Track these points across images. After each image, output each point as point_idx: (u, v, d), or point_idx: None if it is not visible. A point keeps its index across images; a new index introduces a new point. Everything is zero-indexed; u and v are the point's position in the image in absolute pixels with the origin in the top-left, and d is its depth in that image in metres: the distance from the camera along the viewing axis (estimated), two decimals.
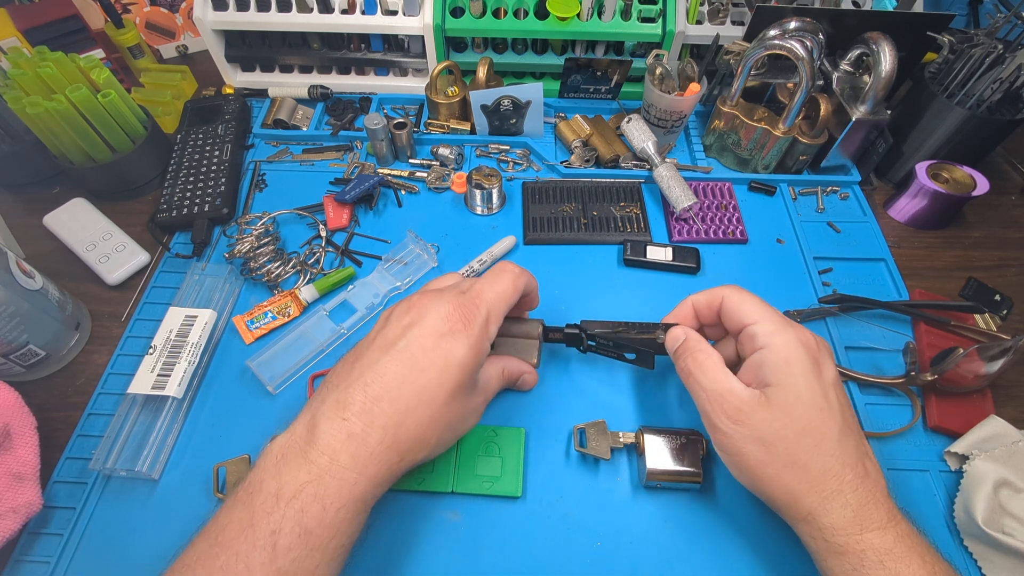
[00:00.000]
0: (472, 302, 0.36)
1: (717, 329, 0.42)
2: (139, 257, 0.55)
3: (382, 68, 0.72)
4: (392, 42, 0.70)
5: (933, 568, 0.30)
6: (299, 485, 0.30)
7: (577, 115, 0.67)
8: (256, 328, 0.50)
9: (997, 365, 0.44)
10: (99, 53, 0.70)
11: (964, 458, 0.43)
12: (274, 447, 0.32)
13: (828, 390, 0.34)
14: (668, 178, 0.58)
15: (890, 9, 0.63)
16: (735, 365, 0.38)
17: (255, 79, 0.73)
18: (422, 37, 0.66)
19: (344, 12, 0.65)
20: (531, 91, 0.61)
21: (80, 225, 0.57)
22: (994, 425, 0.43)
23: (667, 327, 0.41)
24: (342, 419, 0.32)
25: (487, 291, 0.37)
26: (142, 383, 0.44)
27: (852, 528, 0.31)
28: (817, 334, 0.37)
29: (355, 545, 0.33)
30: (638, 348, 0.42)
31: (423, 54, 0.68)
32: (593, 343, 0.44)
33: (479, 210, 0.60)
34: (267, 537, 0.29)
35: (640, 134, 0.61)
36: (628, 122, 0.62)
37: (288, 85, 0.71)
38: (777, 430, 0.33)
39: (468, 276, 0.53)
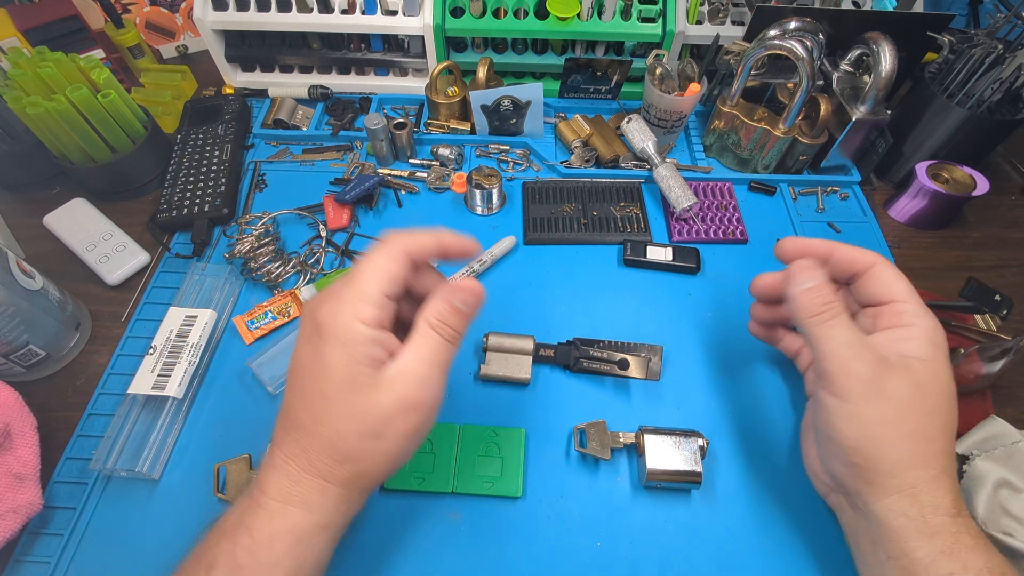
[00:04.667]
0: (337, 297, 0.31)
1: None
2: (139, 257, 0.55)
3: (382, 68, 0.72)
4: (392, 42, 0.70)
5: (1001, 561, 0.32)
6: (237, 518, 0.30)
7: (577, 115, 0.67)
8: (256, 328, 0.50)
9: (997, 365, 0.44)
10: (99, 53, 0.70)
11: (964, 458, 0.43)
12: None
13: (952, 381, 0.35)
14: (668, 178, 0.58)
15: (890, 9, 0.63)
16: None
17: (255, 79, 0.73)
18: (422, 37, 0.66)
19: (344, 12, 0.65)
20: (531, 91, 0.61)
21: (80, 225, 0.57)
22: (994, 425, 0.44)
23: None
24: (269, 453, 0.32)
25: (356, 278, 0.31)
26: (142, 383, 0.44)
27: (952, 509, 0.32)
28: None
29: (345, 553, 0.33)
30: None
31: (423, 54, 0.68)
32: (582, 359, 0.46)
33: (479, 210, 0.60)
34: (204, 572, 0.29)
35: (640, 134, 0.61)
36: (628, 122, 0.62)
37: (288, 85, 0.71)
38: (914, 398, 0.33)
39: (467, 275, 0.53)
